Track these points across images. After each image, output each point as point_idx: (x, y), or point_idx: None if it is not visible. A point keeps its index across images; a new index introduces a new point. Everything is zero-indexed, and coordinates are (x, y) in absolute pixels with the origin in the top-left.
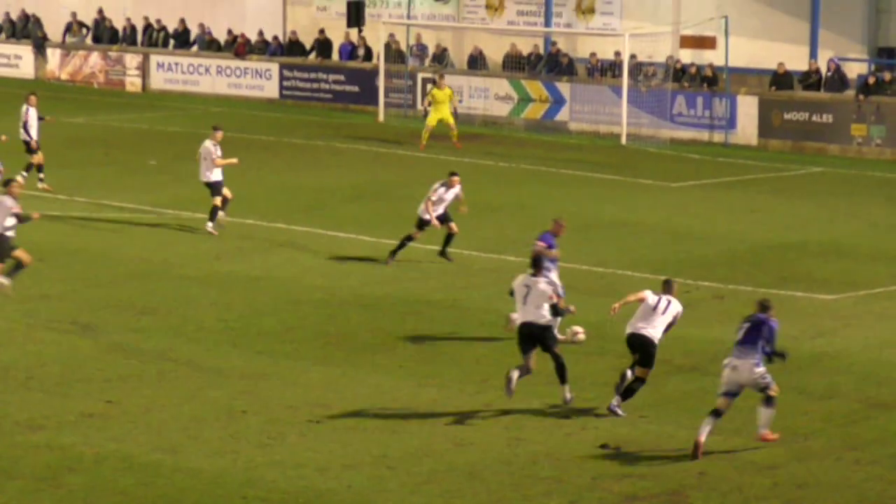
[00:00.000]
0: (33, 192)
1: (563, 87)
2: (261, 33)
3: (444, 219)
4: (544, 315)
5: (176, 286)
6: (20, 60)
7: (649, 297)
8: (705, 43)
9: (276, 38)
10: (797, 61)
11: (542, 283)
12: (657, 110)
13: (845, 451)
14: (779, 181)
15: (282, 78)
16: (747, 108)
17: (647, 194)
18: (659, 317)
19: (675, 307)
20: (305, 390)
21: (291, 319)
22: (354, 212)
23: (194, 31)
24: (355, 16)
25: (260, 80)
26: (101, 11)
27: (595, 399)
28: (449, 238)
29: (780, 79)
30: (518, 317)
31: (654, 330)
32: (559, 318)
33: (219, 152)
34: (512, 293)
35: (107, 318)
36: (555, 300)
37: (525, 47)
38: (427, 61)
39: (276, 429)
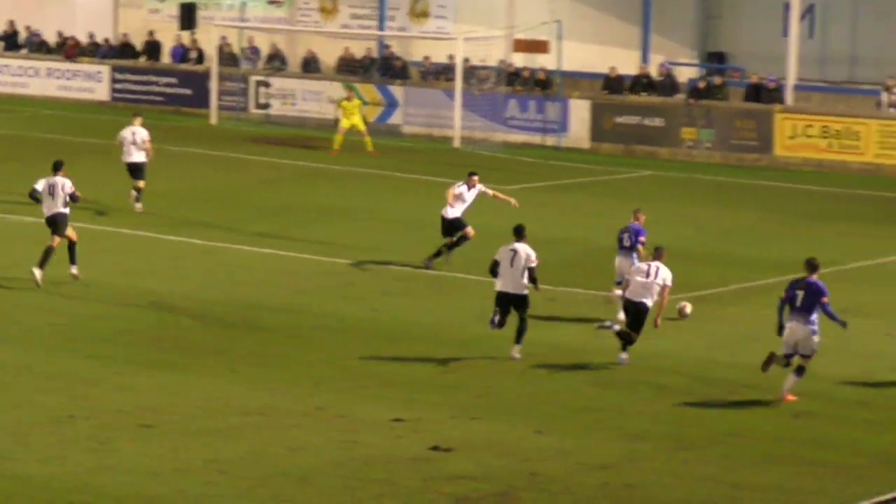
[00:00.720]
0: None
1: (397, 91)
2: (91, 35)
3: (459, 223)
4: (525, 284)
5: (5, 291)
6: None
7: (640, 267)
8: (538, 47)
9: (106, 40)
10: (629, 66)
11: (526, 248)
12: (490, 114)
13: (675, 451)
14: (610, 184)
15: (113, 80)
16: (579, 112)
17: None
18: (652, 284)
19: (664, 272)
20: (136, 395)
21: (123, 324)
22: (187, 215)
23: (23, 34)
24: (187, 18)
25: (90, 83)
26: None
27: (428, 401)
28: (461, 240)
29: (612, 83)
30: (500, 283)
31: (648, 298)
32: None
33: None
34: (495, 267)
35: None
36: (533, 264)
37: (359, 51)
38: (260, 64)
39: (107, 434)
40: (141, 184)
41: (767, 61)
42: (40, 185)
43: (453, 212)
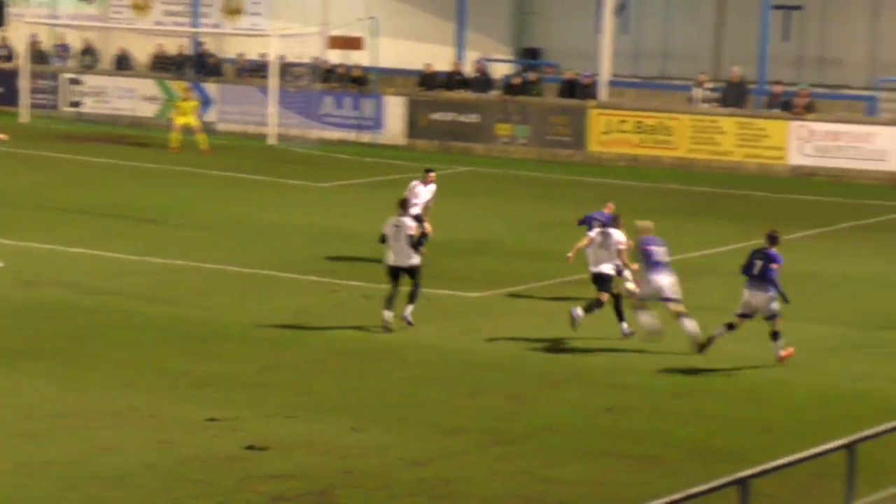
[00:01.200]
0: None
1: (211, 88)
2: None
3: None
4: (412, 254)
5: None
6: None
7: (594, 236)
8: (353, 44)
9: None
10: (444, 62)
11: (408, 220)
12: (305, 111)
13: (492, 445)
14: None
15: None
16: (395, 109)
17: (295, 195)
18: (608, 251)
19: (616, 235)
20: None
21: None
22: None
23: None
24: None
25: None
26: None
27: (243, 400)
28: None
29: (428, 79)
30: (390, 257)
31: (608, 265)
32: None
33: None
34: (384, 238)
35: None
36: (412, 232)
37: (172, 48)
38: (71, 61)
39: None
40: None
41: (581, 57)
42: None
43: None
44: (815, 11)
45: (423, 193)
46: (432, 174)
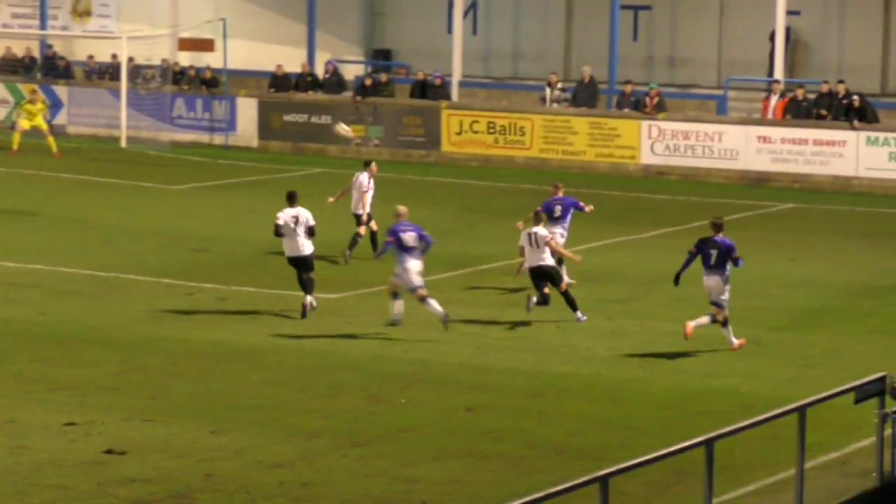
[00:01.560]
0: None
1: (61, 91)
2: None
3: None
4: (310, 244)
5: None
6: None
7: (523, 239)
8: (203, 45)
9: None
10: (296, 63)
11: (306, 212)
12: (157, 113)
13: (350, 447)
14: (280, 182)
15: None
16: (247, 110)
17: (148, 198)
18: (540, 249)
19: (542, 233)
20: None
21: None
22: None
23: None
24: None
25: None
26: None
27: (100, 404)
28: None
29: (279, 81)
30: (290, 249)
31: (546, 257)
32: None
33: None
34: (280, 232)
35: None
36: (312, 223)
37: (20, 50)
38: None
39: None
40: None
41: (433, 58)
42: None
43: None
44: (664, 11)
45: (368, 184)
46: (373, 165)
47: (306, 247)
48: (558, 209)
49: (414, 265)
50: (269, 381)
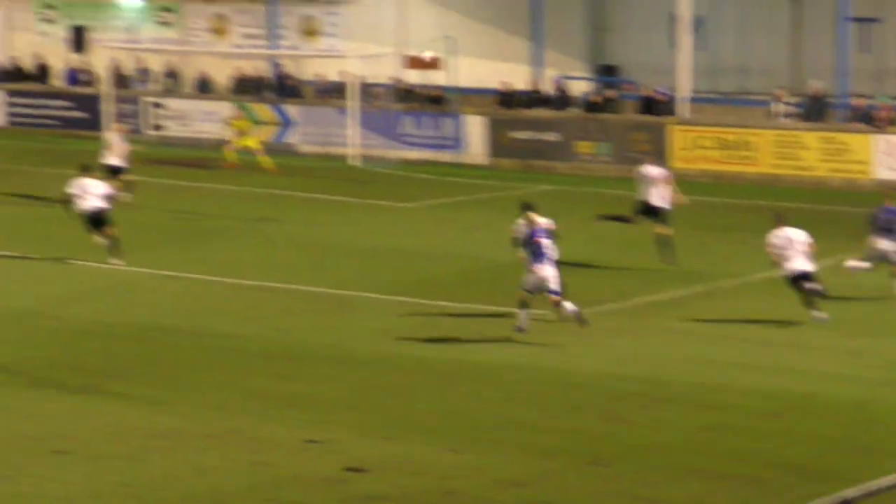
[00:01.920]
0: None
1: (291, 109)
2: None
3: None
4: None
5: None
6: None
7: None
8: (431, 63)
9: None
10: (522, 80)
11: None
12: (386, 131)
13: (589, 466)
14: (509, 200)
15: (7, 105)
16: (475, 128)
17: (378, 215)
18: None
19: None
20: (46, 421)
21: (27, 349)
22: (87, 239)
23: None
24: (78, 41)
25: None
26: None
27: (339, 422)
28: None
29: (506, 98)
30: None
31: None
32: None
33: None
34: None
35: None
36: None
37: (251, 70)
38: (152, 85)
39: (18, 460)
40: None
41: (659, 73)
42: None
43: None
44: (894, 22)
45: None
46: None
47: None
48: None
49: (549, 271)
50: (506, 399)
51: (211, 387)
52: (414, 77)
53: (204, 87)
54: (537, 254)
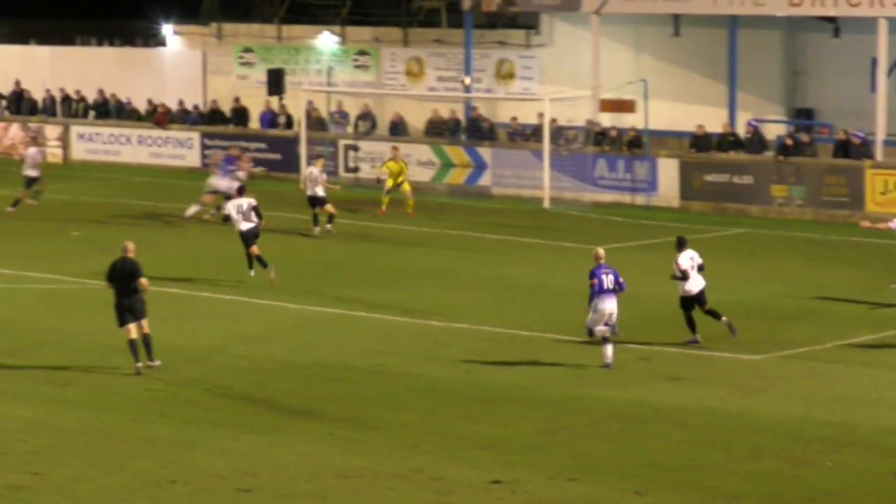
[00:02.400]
0: None
1: (485, 152)
2: (181, 102)
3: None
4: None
5: (100, 356)
6: None
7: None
8: (625, 106)
9: (196, 106)
10: (716, 123)
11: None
12: (579, 174)
13: None
14: (701, 243)
15: (203, 146)
16: (668, 171)
17: (570, 258)
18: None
19: None
20: (234, 458)
21: (217, 388)
22: (278, 280)
23: (112, 102)
24: (275, 84)
25: (181, 150)
26: (17, 83)
27: (524, 463)
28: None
29: (700, 141)
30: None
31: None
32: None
33: (324, 177)
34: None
35: (30, 389)
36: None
37: (446, 113)
38: (349, 128)
39: (206, 498)
40: (329, 208)
41: (856, 116)
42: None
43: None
44: None
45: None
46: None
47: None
48: None
49: (609, 306)
50: (692, 442)
51: (400, 427)
52: (608, 120)
53: (397, 130)
54: (600, 290)
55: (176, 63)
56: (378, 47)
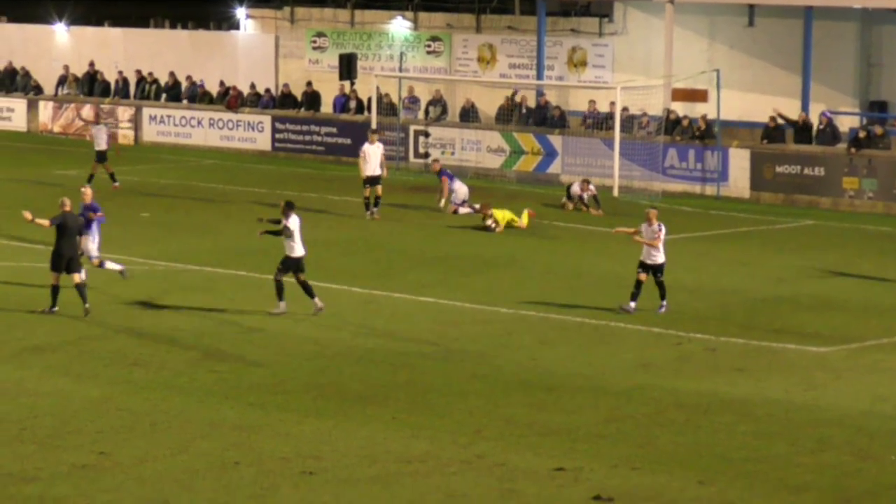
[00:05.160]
0: None
1: (555, 140)
2: (253, 86)
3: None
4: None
5: (167, 338)
6: (12, 113)
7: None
8: (697, 96)
9: (268, 90)
10: (789, 114)
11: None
12: (649, 163)
13: (838, 503)
14: (771, 234)
15: (274, 130)
16: (739, 161)
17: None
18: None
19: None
20: (298, 442)
21: (283, 371)
22: (346, 264)
23: (185, 84)
24: (347, 69)
25: (252, 133)
26: (92, 64)
27: (588, 451)
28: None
29: (772, 132)
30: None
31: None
32: None
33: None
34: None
35: (98, 369)
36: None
37: (518, 100)
38: (419, 114)
39: (269, 480)
40: (379, 189)
41: None
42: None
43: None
44: None
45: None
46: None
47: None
48: None
49: None
50: (757, 433)
51: (464, 413)
52: (680, 109)
53: (468, 116)
54: None
55: (249, 47)
56: (451, 33)
